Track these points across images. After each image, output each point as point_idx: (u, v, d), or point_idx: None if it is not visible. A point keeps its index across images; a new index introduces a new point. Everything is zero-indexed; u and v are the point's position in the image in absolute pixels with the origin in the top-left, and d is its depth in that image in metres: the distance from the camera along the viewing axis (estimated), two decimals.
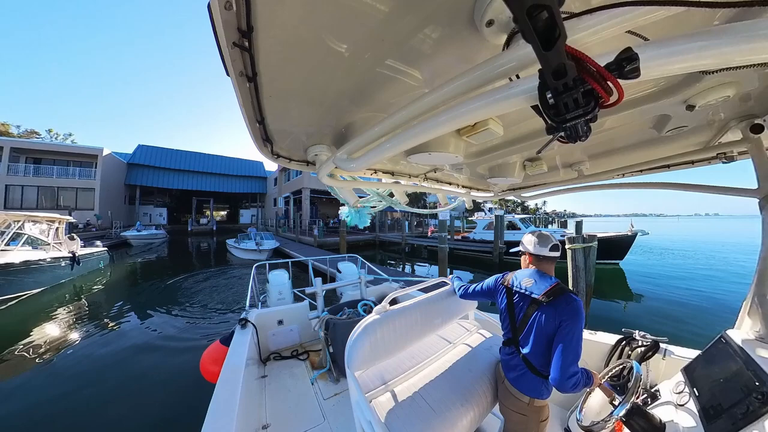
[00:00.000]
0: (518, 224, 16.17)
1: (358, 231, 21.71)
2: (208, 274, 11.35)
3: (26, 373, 4.28)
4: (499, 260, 14.06)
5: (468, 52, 0.75)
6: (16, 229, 7.83)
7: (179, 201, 38.07)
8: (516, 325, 1.33)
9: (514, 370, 1.34)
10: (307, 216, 22.79)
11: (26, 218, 8.11)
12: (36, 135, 34.26)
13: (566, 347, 1.13)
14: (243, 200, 42.54)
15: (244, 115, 0.95)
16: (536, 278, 1.31)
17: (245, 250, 14.56)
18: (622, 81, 0.41)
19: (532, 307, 1.27)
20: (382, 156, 0.95)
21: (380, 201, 2.36)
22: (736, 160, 1.45)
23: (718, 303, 7.96)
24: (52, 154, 24.60)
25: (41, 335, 5.64)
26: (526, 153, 1.71)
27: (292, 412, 2.11)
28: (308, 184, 23.31)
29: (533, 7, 0.36)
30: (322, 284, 3.03)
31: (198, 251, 19.12)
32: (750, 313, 1.34)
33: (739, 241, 29.20)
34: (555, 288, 1.23)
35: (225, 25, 0.59)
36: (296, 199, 27.18)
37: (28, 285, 7.69)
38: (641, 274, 11.70)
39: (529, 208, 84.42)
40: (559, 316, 1.17)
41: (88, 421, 3.26)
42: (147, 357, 4.78)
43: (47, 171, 23.12)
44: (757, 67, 0.79)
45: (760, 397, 0.99)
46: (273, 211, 34.49)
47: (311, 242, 17.28)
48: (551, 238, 1.37)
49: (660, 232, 44.04)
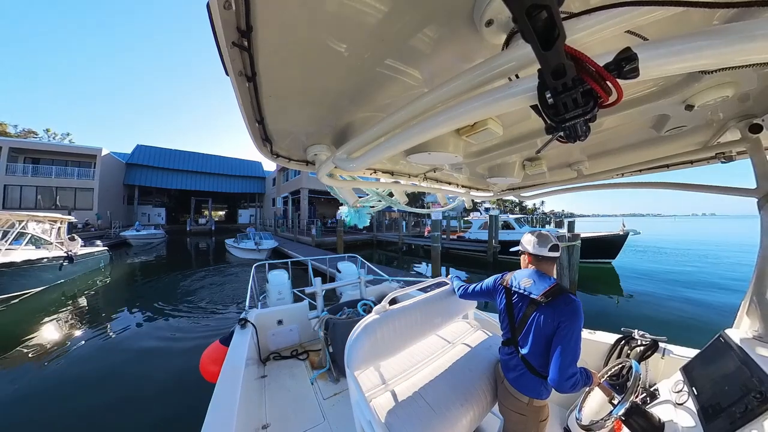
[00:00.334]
0: (513, 224, 16.43)
1: (356, 231, 21.84)
2: (208, 273, 11.49)
3: (25, 372, 4.28)
4: (494, 259, 14.28)
5: (467, 52, 0.75)
6: (20, 229, 7.94)
7: (177, 201, 38.04)
8: (515, 325, 1.33)
9: (513, 371, 1.34)
10: (305, 216, 22.93)
11: (29, 218, 8.25)
12: (33, 135, 34.13)
13: (565, 348, 1.12)
14: (241, 200, 42.53)
15: (243, 115, 0.95)
16: (535, 278, 1.30)
17: (244, 250, 14.72)
18: (621, 81, 0.41)
19: (530, 307, 1.27)
20: (381, 156, 0.95)
21: (380, 201, 2.36)
22: (734, 159, 1.46)
23: (703, 302, 8.15)
24: (50, 154, 24.54)
25: (41, 335, 5.66)
26: (526, 153, 1.71)
27: (292, 411, 2.11)
28: (306, 184, 23.46)
29: (532, 6, 0.36)
30: (322, 284, 3.03)
31: (197, 251, 19.31)
32: (748, 313, 1.35)
33: (730, 240, 29.71)
34: (554, 288, 1.22)
35: (224, 25, 0.59)
36: (294, 199, 27.32)
37: (31, 283, 7.78)
38: (634, 272, 12.02)
39: (527, 208, 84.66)
40: (557, 316, 1.17)
41: (88, 422, 3.26)
42: (147, 357, 4.78)
43: (46, 171, 23.06)
44: (756, 67, 0.79)
45: (758, 396, 0.99)
46: (271, 211, 34.59)
47: (309, 242, 17.57)
48: (551, 238, 1.37)
49: (656, 232, 44.63)
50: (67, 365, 4.47)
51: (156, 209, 34.99)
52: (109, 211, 25.42)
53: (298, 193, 24.95)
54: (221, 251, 17.25)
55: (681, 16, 0.62)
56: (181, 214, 38.48)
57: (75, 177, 23.99)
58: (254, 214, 40.63)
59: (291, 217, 25.58)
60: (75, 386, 3.90)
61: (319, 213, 28.31)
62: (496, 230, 14.74)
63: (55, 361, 4.60)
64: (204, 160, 37.18)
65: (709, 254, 18.58)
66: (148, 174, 32.37)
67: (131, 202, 31.77)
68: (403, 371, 1.60)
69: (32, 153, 24.06)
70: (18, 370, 4.38)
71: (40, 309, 6.94)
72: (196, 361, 2.47)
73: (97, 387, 3.90)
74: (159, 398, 3.65)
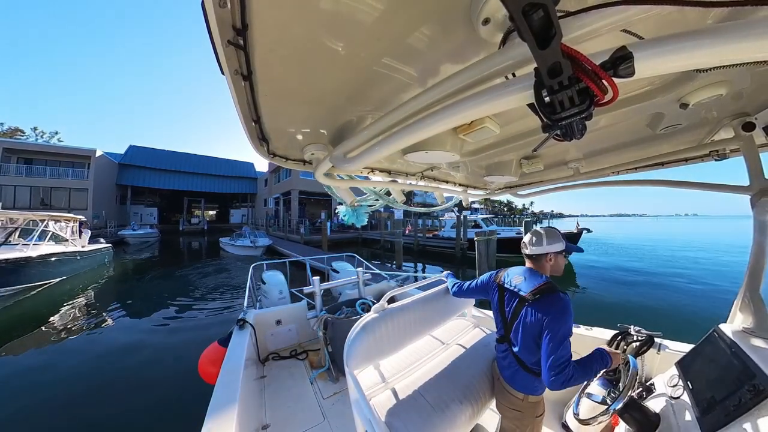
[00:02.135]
0: (481, 223, 17.78)
1: (344, 229, 23.11)
2: (204, 269, 12.49)
3: (31, 362, 4.59)
4: (462, 255, 15.69)
5: (464, 51, 0.75)
6: (43, 227, 9.02)
7: (169, 201, 37.79)
8: (507, 322, 1.33)
9: (507, 368, 1.35)
10: (296, 216, 23.73)
11: (49, 217, 9.53)
12: (20, 133, 33.37)
13: (553, 346, 1.10)
14: (233, 200, 42.58)
15: (239, 114, 0.94)
16: (526, 276, 1.32)
17: (241, 247, 16.06)
18: (616, 79, 0.41)
19: (519, 304, 1.27)
20: (378, 155, 0.95)
21: (377, 200, 2.36)
22: (728, 157, 1.47)
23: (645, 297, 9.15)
24: (44, 155, 24.28)
25: (63, 317, 6.59)
26: (523, 151, 1.72)
27: (292, 411, 2.11)
28: (297, 185, 24.26)
29: (529, 5, 0.36)
30: (320, 283, 3.02)
31: (191, 249, 20.26)
32: (742, 308, 1.37)
33: (693, 240, 31.51)
34: (542, 287, 1.22)
35: (219, 23, 0.58)
36: (286, 200, 27.80)
37: (53, 274, 9.01)
38: (585, 267, 13.48)
39: (516, 208, 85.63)
40: (544, 314, 1.15)
41: (88, 422, 3.24)
42: (146, 356, 4.77)
43: (40, 171, 22.84)
44: (750, 65, 0.80)
45: (751, 389, 1.01)
46: (263, 211, 34.82)
47: (298, 239, 19.39)
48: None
49: (631, 232, 46.63)
50: (65, 365, 4.44)
51: (148, 209, 34.86)
52: (104, 211, 25.32)
53: (289, 194, 25.60)
54: (214, 249, 18.45)
55: (676, 15, 0.62)
56: (173, 214, 38.22)
57: (69, 177, 23.81)
58: (246, 214, 40.81)
59: (282, 217, 26.33)
60: (74, 386, 3.87)
61: (308, 213, 28.67)
62: (465, 229, 16.36)
63: (56, 357, 4.73)
64: (197, 160, 37.19)
65: (657, 250, 21.15)
66: (141, 174, 32.20)
67: (123, 202, 31.57)
68: (402, 369, 1.60)
69: (25, 153, 23.78)
70: (35, 349, 5.05)
71: (64, 294, 8.34)
72: (196, 360, 2.45)
73: (96, 387, 3.87)
74: (159, 398, 3.63)
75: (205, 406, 1.42)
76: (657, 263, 15.14)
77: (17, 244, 8.37)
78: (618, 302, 8.28)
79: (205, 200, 39.60)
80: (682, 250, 20.98)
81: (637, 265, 14.44)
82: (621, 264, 14.69)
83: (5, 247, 8.03)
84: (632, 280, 11.12)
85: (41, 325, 6.09)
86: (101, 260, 12.70)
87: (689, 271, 13.00)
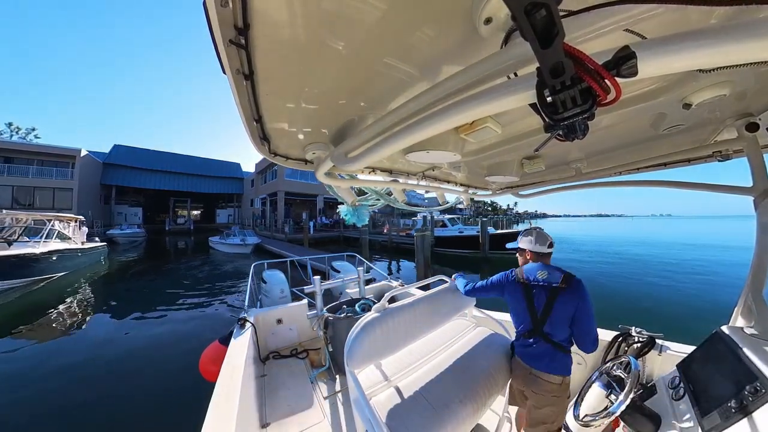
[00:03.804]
0: (446, 222, 19.71)
1: (327, 228, 25.06)
2: (196, 266, 13.21)
3: (31, 356, 4.74)
4: (430, 252, 16.91)
5: (466, 50, 0.75)
6: (50, 226, 9.78)
7: (154, 201, 37.21)
8: (538, 315, 1.43)
9: (541, 358, 1.42)
10: (282, 216, 24.48)
11: (54, 217, 10.40)
12: None
13: (590, 318, 1.37)
14: (219, 200, 42.21)
15: (241, 114, 0.94)
16: (548, 270, 1.46)
17: (231, 245, 16.87)
18: (619, 79, 0.41)
19: (553, 294, 1.40)
20: (380, 154, 0.94)
21: (378, 199, 2.36)
22: (731, 158, 1.46)
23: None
24: (26, 154, 23.29)
25: (66, 309, 7.09)
26: (524, 151, 1.71)
27: (292, 411, 2.11)
28: (283, 186, 25.04)
29: (531, 4, 0.35)
30: (321, 283, 3.03)
31: (180, 249, 20.88)
32: (743, 310, 1.36)
33: (646, 239, 32.43)
34: (567, 275, 1.41)
35: (221, 23, 0.58)
36: (272, 201, 28.09)
37: (58, 269, 9.80)
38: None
39: (500, 208, 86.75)
40: (577, 297, 1.37)
41: (87, 422, 3.25)
42: (146, 356, 4.78)
43: (23, 171, 22.12)
44: (753, 65, 0.79)
45: (752, 391, 1.00)
46: (250, 211, 34.90)
47: (283, 238, 20.53)
48: (547, 237, 1.53)
49: (595, 233, 46.27)
50: (64, 364, 4.45)
51: (132, 209, 34.25)
52: (90, 211, 24.56)
53: (275, 195, 26.00)
54: (204, 248, 19.23)
55: (679, 15, 0.62)
56: (158, 213, 37.65)
57: (53, 177, 23.08)
58: (232, 214, 40.75)
59: (269, 217, 26.90)
60: (74, 386, 3.89)
61: (294, 213, 28.86)
62: (432, 227, 18.25)
63: (56, 355, 4.69)
64: (183, 160, 36.86)
65: (608, 249, 22.48)
66: (126, 174, 31.50)
67: (108, 202, 30.82)
68: (402, 369, 1.60)
69: (4, 152, 22.54)
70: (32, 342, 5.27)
71: (67, 286, 9.08)
72: (196, 360, 2.46)
73: (96, 387, 3.89)
74: (159, 398, 3.65)
75: (205, 404, 1.43)
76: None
77: (28, 241, 9.17)
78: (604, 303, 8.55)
79: (191, 200, 39.27)
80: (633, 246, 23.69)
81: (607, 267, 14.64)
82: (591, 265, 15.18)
83: (18, 244, 8.81)
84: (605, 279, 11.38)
85: (48, 312, 6.77)
86: (98, 257, 13.57)
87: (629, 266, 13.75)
